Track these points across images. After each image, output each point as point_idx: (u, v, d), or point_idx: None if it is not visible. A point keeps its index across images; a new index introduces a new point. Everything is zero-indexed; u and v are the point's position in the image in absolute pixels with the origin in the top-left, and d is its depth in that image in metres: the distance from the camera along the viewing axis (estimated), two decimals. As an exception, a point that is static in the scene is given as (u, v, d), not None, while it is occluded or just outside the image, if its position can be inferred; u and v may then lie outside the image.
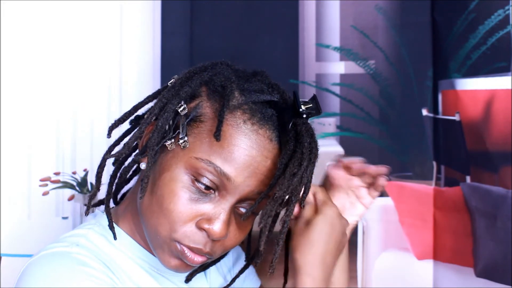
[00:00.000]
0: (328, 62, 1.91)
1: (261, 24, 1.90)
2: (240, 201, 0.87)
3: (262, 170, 0.86)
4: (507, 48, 1.69)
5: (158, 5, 1.88)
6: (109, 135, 0.90)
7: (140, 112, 0.94)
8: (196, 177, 0.85)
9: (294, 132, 0.88)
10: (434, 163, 1.84)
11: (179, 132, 0.87)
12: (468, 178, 1.77)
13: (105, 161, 0.91)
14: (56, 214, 1.84)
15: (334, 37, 1.90)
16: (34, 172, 1.82)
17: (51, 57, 1.84)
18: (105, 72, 1.86)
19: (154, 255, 0.92)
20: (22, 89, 1.82)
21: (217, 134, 0.84)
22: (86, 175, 1.83)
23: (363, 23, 1.88)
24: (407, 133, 1.87)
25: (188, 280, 0.98)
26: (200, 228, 0.85)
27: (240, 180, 0.85)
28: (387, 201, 1.85)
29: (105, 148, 0.94)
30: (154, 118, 0.88)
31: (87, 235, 0.91)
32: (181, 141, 0.86)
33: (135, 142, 0.89)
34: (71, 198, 1.84)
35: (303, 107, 0.89)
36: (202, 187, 0.85)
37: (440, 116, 1.83)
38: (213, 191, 0.86)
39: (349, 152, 1.88)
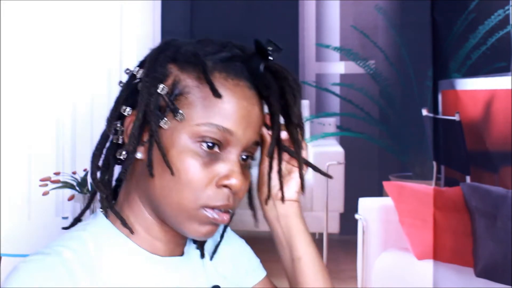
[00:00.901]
0: (328, 62, 1.91)
1: (261, 24, 1.90)
2: (242, 152, 0.94)
3: (254, 118, 0.94)
4: (507, 48, 1.69)
5: (158, 5, 1.88)
6: (109, 132, 0.94)
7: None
8: (201, 143, 0.91)
9: (270, 72, 0.97)
10: (434, 163, 1.84)
11: (170, 110, 0.92)
12: (468, 178, 1.77)
13: (96, 157, 0.96)
14: (56, 214, 1.84)
15: (334, 37, 1.90)
16: (34, 172, 1.82)
17: (52, 58, 1.84)
18: (105, 72, 1.86)
19: (150, 252, 0.95)
20: (22, 90, 1.82)
21: (216, 93, 0.91)
22: (86, 175, 1.83)
23: (363, 23, 1.88)
24: (407, 133, 1.87)
25: (212, 257, 1.04)
26: (220, 186, 0.91)
27: (240, 132, 0.92)
28: (387, 201, 1.85)
29: (106, 149, 0.96)
30: (134, 107, 0.93)
31: (79, 238, 0.92)
32: (178, 115, 0.91)
33: (120, 137, 0.94)
34: (71, 198, 1.84)
35: (269, 49, 0.99)
36: (209, 149, 0.91)
37: (440, 116, 1.83)
38: (219, 150, 0.92)
39: (349, 152, 1.89)
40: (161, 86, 0.92)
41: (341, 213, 1.89)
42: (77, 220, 1.00)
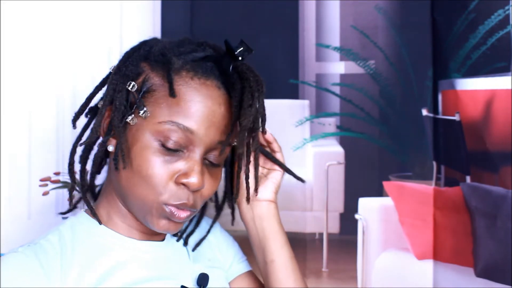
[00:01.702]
0: (328, 62, 1.91)
1: (261, 24, 1.90)
2: (206, 152, 0.95)
3: (218, 118, 0.95)
4: (507, 48, 1.69)
5: (158, 5, 1.88)
6: (74, 126, 1.01)
7: (93, 103, 1.04)
8: (163, 140, 0.93)
9: (237, 73, 0.98)
10: (434, 163, 1.84)
11: (136, 107, 0.95)
12: (468, 178, 1.77)
13: (75, 150, 1.01)
14: (56, 214, 1.84)
15: (334, 37, 1.90)
16: (34, 172, 1.82)
17: (51, 58, 1.84)
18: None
19: (126, 236, 1.00)
20: (22, 89, 1.82)
21: (172, 92, 0.93)
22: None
23: (363, 23, 1.88)
24: (407, 133, 1.87)
25: (194, 249, 1.07)
26: (179, 184, 0.93)
27: (202, 131, 0.93)
28: (387, 201, 1.85)
29: None
30: (109, 102, 0.98)
31: (57, 230, 1.00)
32: (141, 112, 0.94)
33: (99, 127, 0.99)
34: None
35: (237, 50, 1.00)
36: (171, 147, 0.93)
37: (440, 116, 1.83)
38: (182, 149, 0.93)
39: (349, 152, 1.89)
40: (132, 83, 0.96)
41: (341, 213, 1.89)
42: (72, 208, 1.08)
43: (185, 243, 1.08)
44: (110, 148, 0.98)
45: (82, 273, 0.95)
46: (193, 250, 1.08)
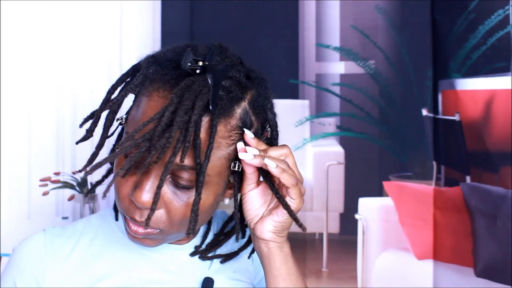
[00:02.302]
0: (328, 62, 1.91)
1: (261, 24, 1.90)
2: (167, 172, 0.85)
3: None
4: (507, 48, 1.69)
5: (158, 5, 1.88)
6: (81, 125, 0.97)
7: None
8: (128, 153, 0.87)
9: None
10: (434, 163, 1.84)
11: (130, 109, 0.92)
12: (468, 178, 1.77)
13: (103, 144, 0.96)
14: (56, 214, 1.84)
15: (334, 37, 1.90)
16: (34, 172, 1.82)
17: (52, 58, 1.84)
18: (105, 73, 1.86)
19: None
20: (22, 90, 1.82)
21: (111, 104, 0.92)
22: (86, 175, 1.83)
23: (363, 23, 1.88)
24: (407, 133, 1.87)
25: (223, 262, 1.01)
26: (130, 198, 0.89)
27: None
28: (387, 201, 1.85)
29: (106, 149, 0.99)
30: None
31: (89, 219, 1.02)
32: (120, 119, 0.93)
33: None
34: (71, 198, 1.84)
35: (189, 64, 0.86)
36: (133, 161, 0.86)
37: (440, 116, 1.82)
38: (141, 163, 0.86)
39: (349, 152, 1.89)
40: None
41: (341, 213, 1.89)
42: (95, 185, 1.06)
43: (202, 257, 0.99)
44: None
45: (90, 263, 0.96)
46: (221, 262, 1.01)
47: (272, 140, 0.96)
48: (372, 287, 1.86)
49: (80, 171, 0.94)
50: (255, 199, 0.93)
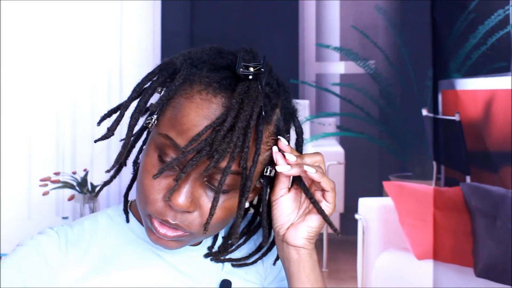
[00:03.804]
0: (328, 62, 1.91)
1: (261, 24, 1.89)
2: (204, 175, 0.85)
3: None
4: (507, 48, 1.69)
5: (158, 5, 1.88)
6: (99, 122, 0.93)
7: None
8: (161, 153, 0.87)
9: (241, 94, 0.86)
10: (434, 163, 1.84)
11: (150, 111, 0.90)
12: (468, 178, 1.77)
13: (129, 142, 0.92)
14: (56, 214, 1.84)
15: (334, 37, 1.90)
16: (34, 172, 1.82)
17: (52, 58, 1.84)
18: (105, 73, 1.86)
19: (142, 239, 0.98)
20: (22, 89, 1.82)
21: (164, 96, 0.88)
22: (86, 175, 1.83)
23: (363, 23, 1.88)
24: (407, 133, 1.87)
25: (206, 256, 1.00)
26: (166, 202, 0.87)
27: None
28: (387, 201, 1.85)
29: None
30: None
31: (95, 218, 1.00)
32: (150, 119, 0.90)
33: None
34: (71, 198, 1.84)
35: (242, 69, 0.86)
36: (162, 162, 0.87)
37: (440, 116, 1.82)
38: (177, 166, 0.86)
39: (349, 152, 1.89)
40: (160, 88, 0.91)
41: (341, 213, 1.89)
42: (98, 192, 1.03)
43: (215, 259, 0.99)
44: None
45: (104, 264, 0.95)
46: (233, 266, 1.00)
47: (297, 147, 0.99)
48: (372, 287, 1.86)
49: (108, 171, 0.93)
50: (287, 205, 0.93)
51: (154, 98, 0.92)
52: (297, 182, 0.92)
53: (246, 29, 1.89)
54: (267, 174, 0.92)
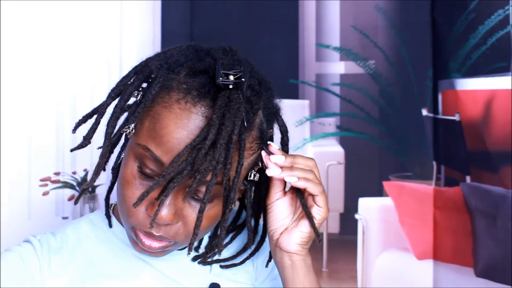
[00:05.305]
0: (328, 62, 1.91)
1: (261, 24, 1.90)
2: (186, 186, 0.83)
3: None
4: (507, 48, 1.69)
5: (158, 5, 1.88)
6: (74, 129, 0.93)
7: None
8: (140, 164, 0.84)
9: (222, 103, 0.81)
10: (434, 163, 1.84)
11: (126, 119, 0.87)
12: (468, 178, 1.77)
13: (109, 146, 0.89)
14: (56, 214, 1.84)
15: (334, 37, 1.90)
16: (34, 172, 1.82)
17: (52, 58, 1.84)
18: (105, 72, 1.86)
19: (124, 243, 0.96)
20: (22, 89, 1.82)
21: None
22: (86, 175, 1.83)
23: (363, 23, 1.88)
24: (407, 133, 1.87)
25: (193, 259, 0.98)
26: (148, 214, 0.85)
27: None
28: (387, 201, 1.85)
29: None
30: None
31: (77, 224, 0.98)
32: (127, 128, 0.86)
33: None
34: (71, 198, 1.84)
35: (221, 79, 0.81)
36: (148, 174, 0.84)
37: (440, 116, 1.83)
38: (158, 177, 0.83)
39: (349, 152, 1.89)
40: (136, 93, 0.88)
41: (341, 213, 1.89)
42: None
43: (203, 262, 0.97)
44: (122, 155, 0.91)
45: (90, 272, 0.93)
46: (221, 267, 0.99)
47: (283, 146, 0.95)
48: (372, 287, 1.86)
49: (87, 184, 0.89)
50: (282, 209, 0.91)
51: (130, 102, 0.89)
52: (292, 186, 0.90)
53: (246, 29, 1.89)
54: (251, 178, 0.89)
